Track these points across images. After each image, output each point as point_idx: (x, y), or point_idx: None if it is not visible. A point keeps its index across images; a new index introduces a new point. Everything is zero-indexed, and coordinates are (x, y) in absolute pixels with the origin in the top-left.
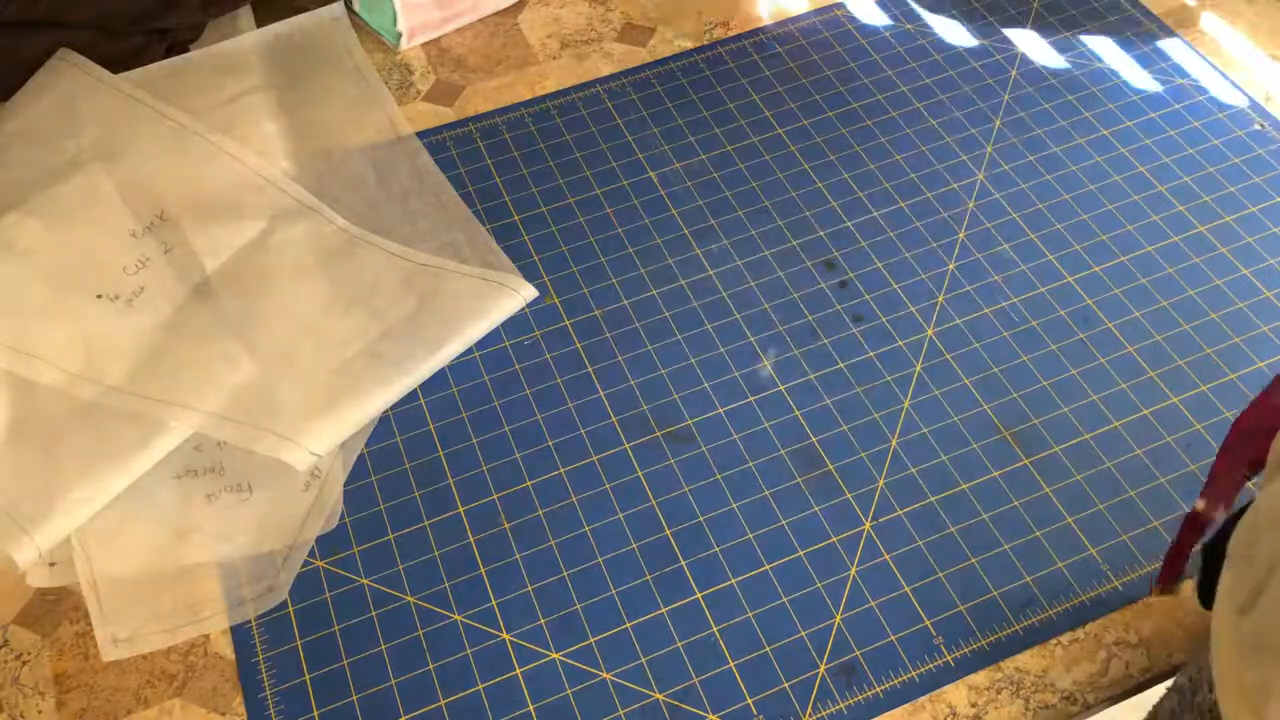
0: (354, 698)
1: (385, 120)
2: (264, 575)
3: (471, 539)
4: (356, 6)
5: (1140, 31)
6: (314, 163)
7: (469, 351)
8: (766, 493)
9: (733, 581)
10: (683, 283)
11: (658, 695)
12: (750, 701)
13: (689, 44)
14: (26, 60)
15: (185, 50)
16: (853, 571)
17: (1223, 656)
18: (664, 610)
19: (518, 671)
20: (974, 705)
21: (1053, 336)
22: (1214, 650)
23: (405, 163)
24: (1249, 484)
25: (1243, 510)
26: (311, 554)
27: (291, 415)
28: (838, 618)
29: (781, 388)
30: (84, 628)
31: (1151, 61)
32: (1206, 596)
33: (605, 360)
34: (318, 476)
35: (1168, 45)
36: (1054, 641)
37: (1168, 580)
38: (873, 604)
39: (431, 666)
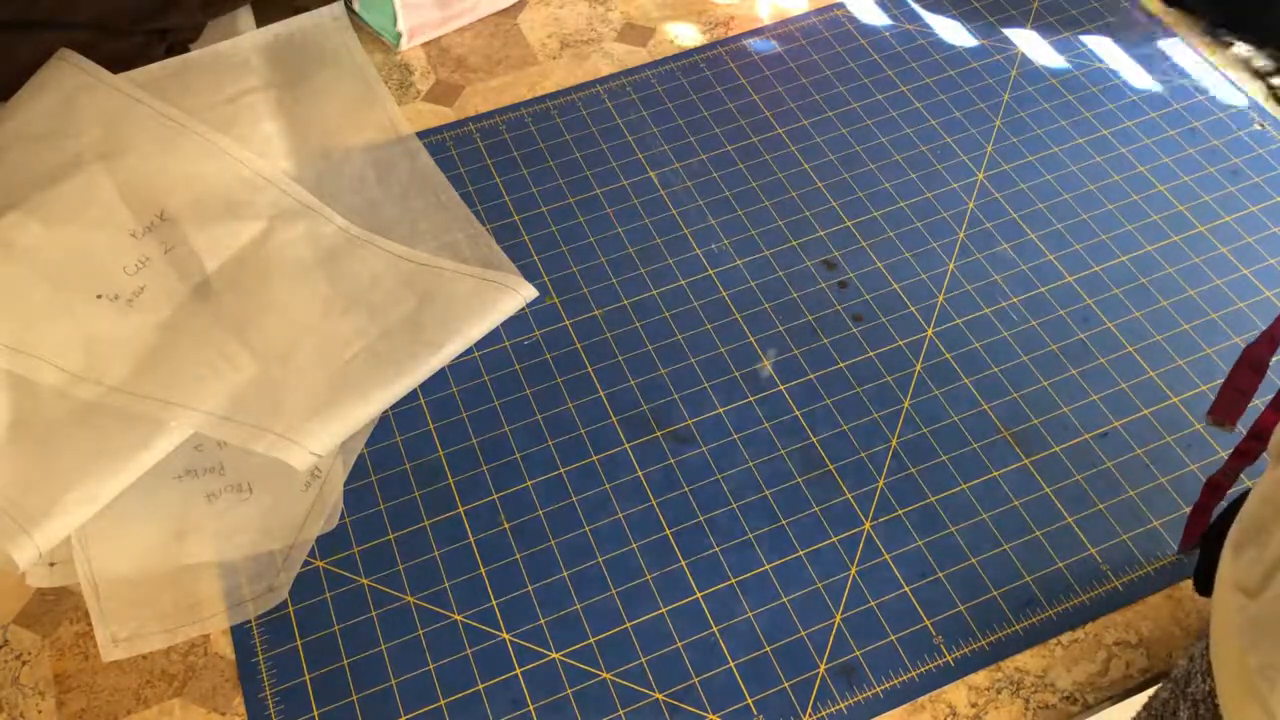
0: (354, 698)
1: (385, 120)
2: (264, 575)
3: (471, 539)
4: (356, 6)
5: (1140, 31)
6: (314, 163)
7: (469, 351)
8: (766, 493)
9: (733, 581)
10: (683, 283)
11: (658, 695)
12: (750, 701)
13: (689, 44)
14: (26, 60)
15: (185, 50)
16: (853, 571)
17: (1222, 641)
18: (664, 610)
19: (518, 671)
20: (974, 705)
21: (1053, 336)
22: (1212, 635)
23: (405, 163)
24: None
25: (1241, 499)
26: (311, 554)
27: (292, 415)
28: (838, 618)
29: (781, 388)
30: (84, 628)
31: (1151, 61)
32: (1204, 583)
33: (605, 360)
34: (318, 476)
35: (1168, 45)
36: (1054, 641)
37: (1190, 539)
38: (873, 604)
39: (431, 666)
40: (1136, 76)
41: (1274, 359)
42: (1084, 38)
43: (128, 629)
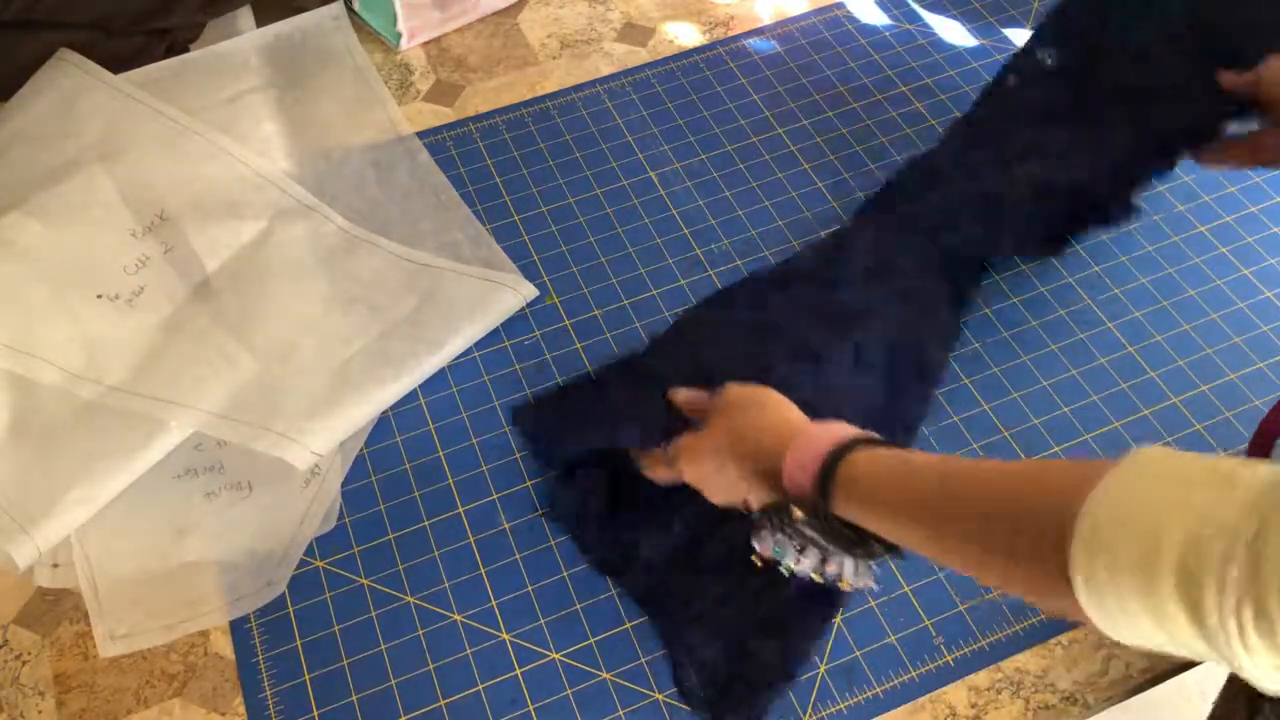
0: (354, 698)
1: (385, 120)
2: (263, 571)
3: (471, 539)
4: (356, 6)
5: None
6: (314, 163)
7: (469, 351)
8: None
9: None
10: (683, 283)
11: (657, 695)
12: None
13: (689, 44)
14: (26, 60)
15: (185, 50)
16: None
17: None
18: None
19: (518, 671)
20: (974, 705)
21: (1053, 337)
22: None
23: (405, 163)
24: None
25: None
26: (311, 554)
27: (292, 414)
28: (838, 618)
29: None
30: (84, 628)
31: None
32: None
33: (605, 360)
34: (317, 474)
35: None
36: (1054, 641)
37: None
38: (872, 604)
39: (431, 666)
40: None
41: None
42: None
43: (126, 625)
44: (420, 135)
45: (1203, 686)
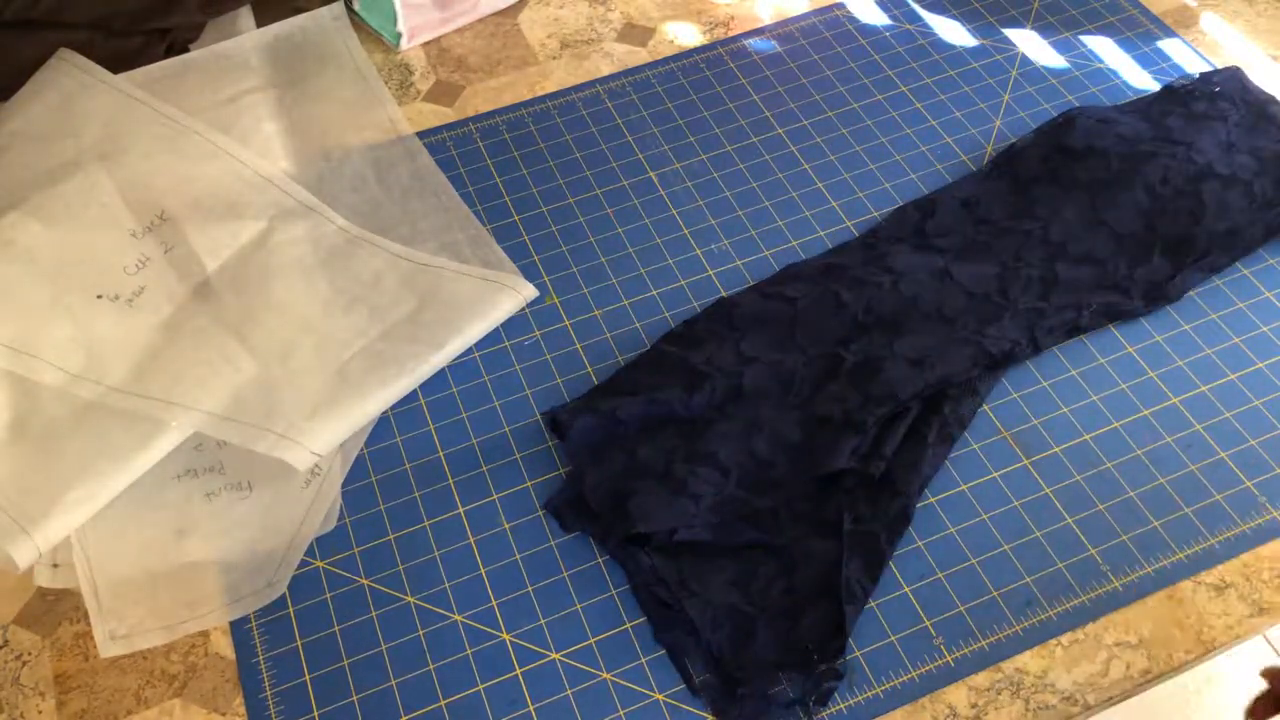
0: (354, 698)
1: (385, 120)
2: (263, 571)
3: (471, 539)
4: (356, 6)
5: (1140, 31)
6: (314, 163)
7: (469, 351)
8: None
9: None
10: (683, 283)
11: (658, 695)
12: None
13: (689, 44)
14: (26, 60)
15: (185, 50)
16: None
17: None
18: None
19: (518, 671)
20: (974, 706)
21: None
22: None
23: (405, 163)
24: None
25: None
26: (311, 554)
27: (292, 415)
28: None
29: None
30: (84, 628)
31: (1151, 61)
32: None
33: (605, 360)
34: (317, 474)
35: (1168, 45)
36: (1054, 642)
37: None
38: (873, 604)
39: (431, 666)
40: (1136, 76)
41: None
42: (1084, 38)
43: (126, 625)
44: (420, 135)
45: (1202, 687)
